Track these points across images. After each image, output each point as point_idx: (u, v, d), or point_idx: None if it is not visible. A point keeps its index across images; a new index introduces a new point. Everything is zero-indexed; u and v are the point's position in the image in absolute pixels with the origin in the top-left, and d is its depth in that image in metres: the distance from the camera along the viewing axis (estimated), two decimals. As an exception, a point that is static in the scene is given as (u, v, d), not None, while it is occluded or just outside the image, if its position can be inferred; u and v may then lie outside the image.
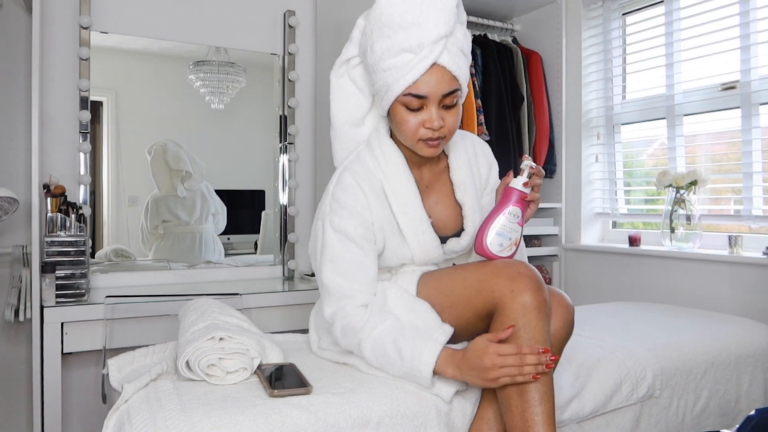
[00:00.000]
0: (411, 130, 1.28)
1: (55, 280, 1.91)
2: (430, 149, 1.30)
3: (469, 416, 1.25)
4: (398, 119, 1.28)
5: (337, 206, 1.32)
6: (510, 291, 1.18)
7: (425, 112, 1.26)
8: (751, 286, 2.07)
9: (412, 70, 1.21)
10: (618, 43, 2.66)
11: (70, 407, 2.22)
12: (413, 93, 1.23)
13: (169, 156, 2.44)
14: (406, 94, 1.24)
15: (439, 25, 1.21)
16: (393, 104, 1.28)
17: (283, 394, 1.17)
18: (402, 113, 1.27)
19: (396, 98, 1.26)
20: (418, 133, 1.28)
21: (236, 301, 2.05)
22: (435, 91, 1.24)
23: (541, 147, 2.76)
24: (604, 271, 2.59)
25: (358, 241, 1.30)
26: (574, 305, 1.32)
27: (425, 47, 1.21)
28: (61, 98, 2.21)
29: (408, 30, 1.21)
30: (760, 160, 2.14)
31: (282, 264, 2.61)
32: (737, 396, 1.69)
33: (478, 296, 1.23)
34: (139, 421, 1.10)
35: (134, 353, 1.47)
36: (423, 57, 1.21)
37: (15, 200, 1.83)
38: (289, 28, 2.61)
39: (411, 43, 1.21)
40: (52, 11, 2.19)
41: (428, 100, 1.25)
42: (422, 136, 1.28)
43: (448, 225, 1.41)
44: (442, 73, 1.23)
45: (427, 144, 1.29)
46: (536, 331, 1.16)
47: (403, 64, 1.22)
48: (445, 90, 1.24)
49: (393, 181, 1.35)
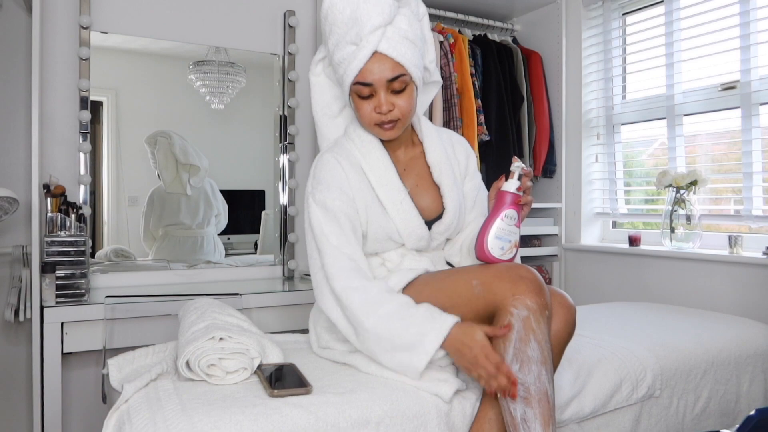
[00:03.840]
0: (366, 116, 1.38)
1: (55, 280, 1.90)
2: (386, 132, 1.39)
3: (469, 416, 1.25)
4: (356, 107, 1.39)
5: (317, 183, 1.41)
6: (512, 294, 1.19)
7: (375, 98, 1.36)
8: (751, 286, 2.07)
9: (354, 59, 1.32)
10: (618, 43, 2.66)
11: (70, 407, 2.22)
12: (360, 81, 1.34)
13: (176, 149, 2.44)
14: (355, 83, 1.34)
15: (373, 16, 1.30)
16: (350, 95, 1.38)
17: (283, 394, 1.17)
18: (357, 101, 1.38)
19: (350, 88, 1.36)
20: (371, 118, 1.38)
21: (236, 301, 2.05)
22: (378, 77, 1.33)
23: (541, 147, 2.76)
24: (604, 271, 2.59)
25: (339, 214, 1.36)
26: (575, 306, 1.32)
27: (363, 38, 1.31)
28: (61, 98, 2.21)
29: (347, 24, 1.32)
30: (760, 160, 2.14)
31: (282, 264, 2.61)
32: (737, 396, 1.69)
33: (479, 299, 1.24)
34: (139, 421, 1.10)
35: (134, 353, 1.47)
36: (362, 47, 1.31)
37: (15, 200, 1.83)
38: (289, 28, 2.61)
39: (351, 36, 1.32)
40: (52, 11, 2.19)
41: (374, 87, 1.34)
42: (375, 120, 1.38)
43: (431, 207, 1.46)
44: (383, 60, 1.32)
45: (381, 128, 1.39)
46: (537, 335, 1.16)
47: (349, 55, 1.33)
48: (388, 76, 1.33)
49: (370, 158, 1.43)
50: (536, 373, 1.15)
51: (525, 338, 1.16)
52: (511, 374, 1.14)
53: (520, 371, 1.15)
